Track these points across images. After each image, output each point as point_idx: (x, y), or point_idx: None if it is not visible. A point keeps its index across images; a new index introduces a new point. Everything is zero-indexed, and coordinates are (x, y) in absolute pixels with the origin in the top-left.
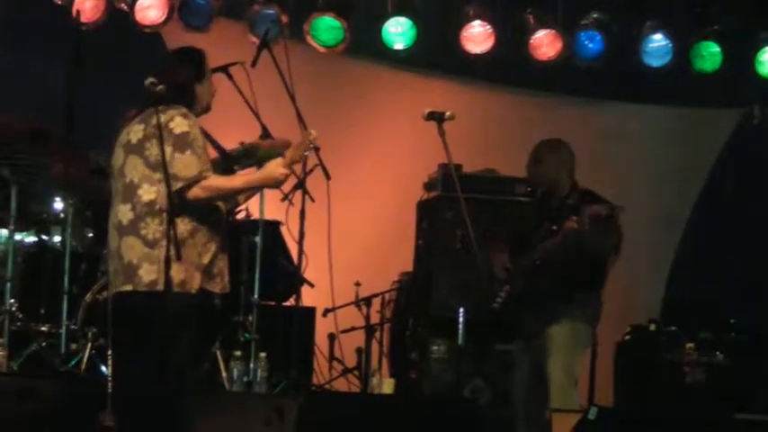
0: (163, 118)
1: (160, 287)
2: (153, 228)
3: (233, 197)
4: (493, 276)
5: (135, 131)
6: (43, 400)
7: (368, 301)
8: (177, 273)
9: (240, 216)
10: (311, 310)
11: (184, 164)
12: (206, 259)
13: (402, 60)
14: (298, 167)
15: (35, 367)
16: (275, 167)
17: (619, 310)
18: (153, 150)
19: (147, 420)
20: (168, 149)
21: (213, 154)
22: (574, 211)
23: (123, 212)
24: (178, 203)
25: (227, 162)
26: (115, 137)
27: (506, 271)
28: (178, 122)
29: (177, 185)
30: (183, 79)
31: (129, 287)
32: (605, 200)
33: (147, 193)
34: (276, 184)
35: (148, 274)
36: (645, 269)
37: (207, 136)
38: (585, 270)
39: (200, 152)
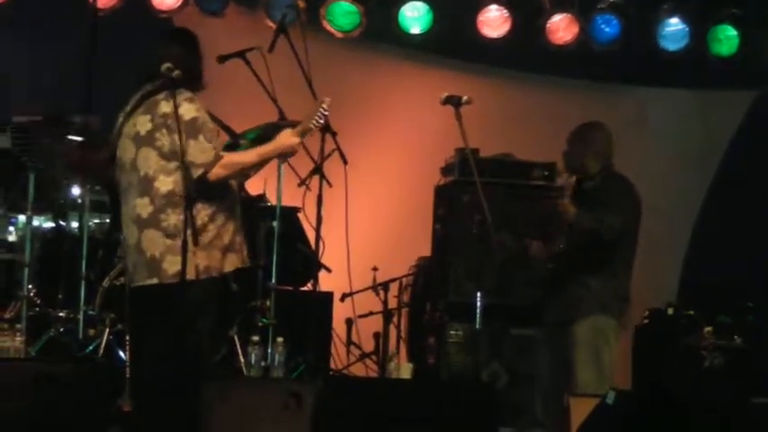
0: (168, 107)
1: (186, 276)
2: (174, 218)
3: (251, 170)
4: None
5: (141, 123)
6: (61, 385)
7: (385, 285)
8: (202, 259)
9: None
10: (329, 295)
11: (200, 149)
12: (227, 239)
13: (418, 44)
14: (314, 150)
15: (53, 353)
16: (287, 137)
17: (636, 293)
18: (164, 141)
19: (165, 406)
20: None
21: (224, 137)
22: (590, 194)
23: (142, 206)
24: (202, 188)
25: (236, 143)
26: (117, 125)
27: (542, 259)
28: (186, 108)
29: (198, 172)
30: (194, 64)
31: (154, 280)
32: (629, 185)
33: (164, 184)
34: (288, 153)
35: (172, 265)
36: (663, 252)
37: (214, 119)
38: (594, 253)
39: (211, 134)
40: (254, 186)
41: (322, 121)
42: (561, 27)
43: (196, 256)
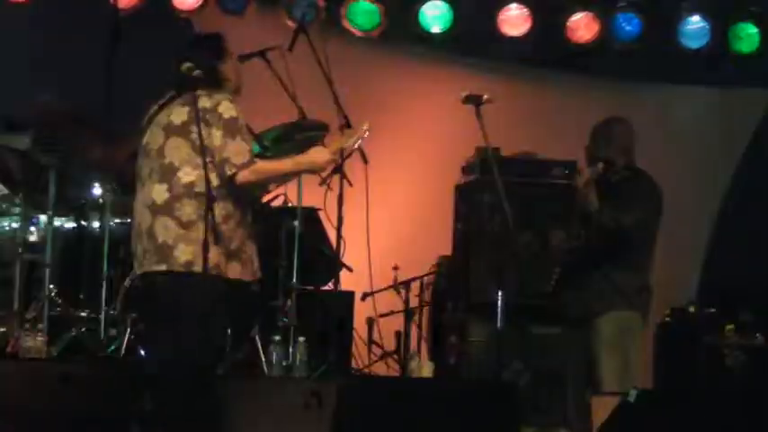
0: (209, 102)
1: (196, 268)
2: (188, 210)
3: (276, 181)
4: (546, 252)
5: (177, 113)
6: (83, 385)
7: (406, 284)
8: (214, 255)
9: (278, 202)
10: (350, 295)
11: (236, 150)
12: (233, 244)
13: (439, 43)
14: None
15: (75, 353)
16: (321, 153)
17: (658, 292)
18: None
19: (179, 396)
20: (218, 134)
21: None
22: (613, 188)
23: (158, 192)
24: (228, 188)
25: (260, 145)
26: (147, 117)
27: (562, 249)
28: (226, 107)
29: (231, 171)
30: (207, 62)
31: (163, 267)
32: (653, 184)
33: (188, 175)
34: (320, 169)
35: (184, 254)
36: (684, 250)
37: None
38: (614, 247)
39: (248, 137)
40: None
41: (358, 144)
42: (582, 25)
43: (208, 251)
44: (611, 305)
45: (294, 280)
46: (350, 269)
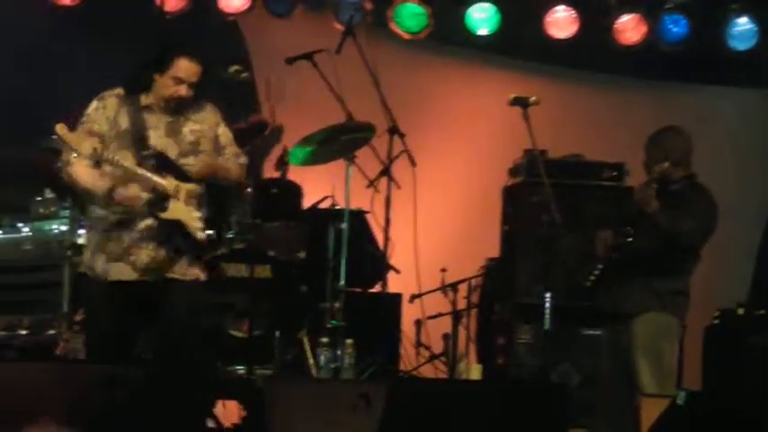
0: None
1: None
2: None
3: (83, 191)
4: (593, 253)
5: None
6: (125, 386)
7: (454, 286)
8: (85, 255)
9: (326, 204)
10: (398, 297)
11: (72, 144)
12: (116, 247)
13: (486, 46)
14: (382, 151)
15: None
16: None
17: (707, 294)
18: None
19: None
20: None
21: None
22: (673, 198)
23: None
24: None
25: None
26: None
27: (606, 248)
28: (90, 105)
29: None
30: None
31: None
32: (712, 199)
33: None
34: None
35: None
36: (734, 253)
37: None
38: (665, 256)
39: (83, 136)
40: (321, 188)
41: None
42: (629, 27)
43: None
44: (647, 306)
45: (342, 282)
46: (397, 271)
